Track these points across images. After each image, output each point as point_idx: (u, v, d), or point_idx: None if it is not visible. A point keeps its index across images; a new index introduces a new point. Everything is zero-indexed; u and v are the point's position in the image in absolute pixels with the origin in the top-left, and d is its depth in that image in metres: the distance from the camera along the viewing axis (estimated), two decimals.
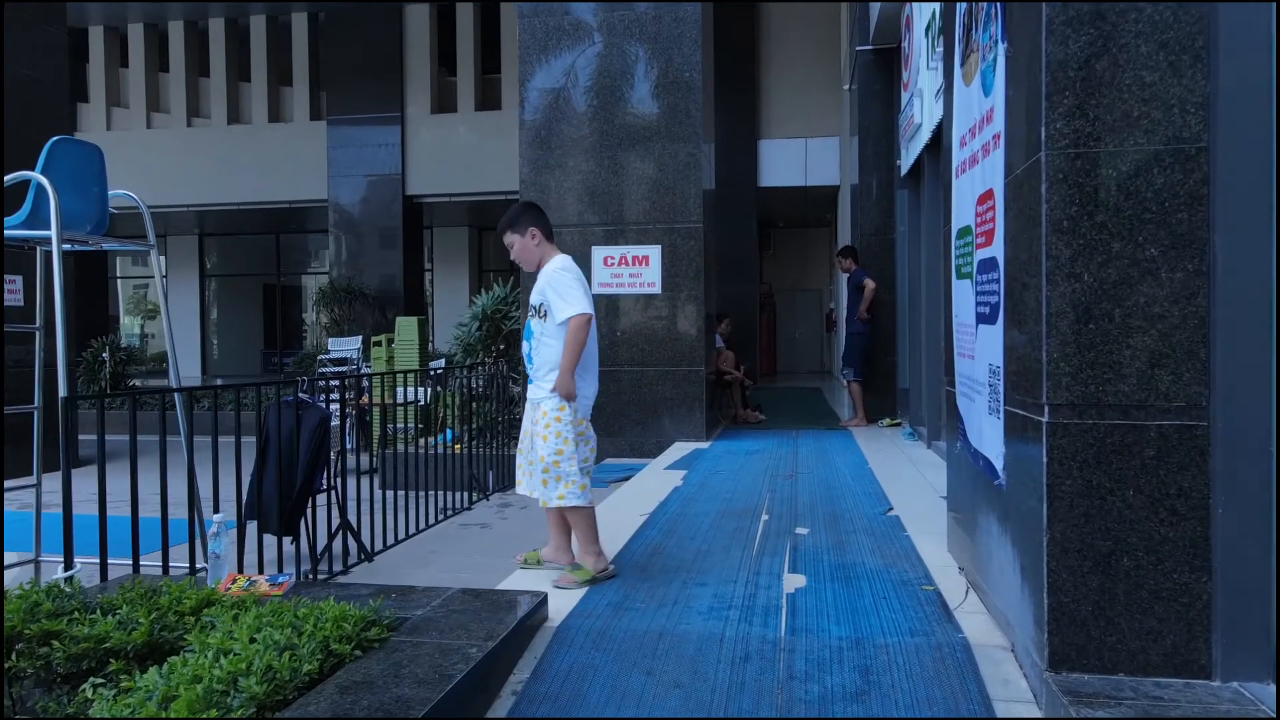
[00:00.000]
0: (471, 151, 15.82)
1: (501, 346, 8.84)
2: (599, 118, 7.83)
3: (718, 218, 9.90)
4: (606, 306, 7.86)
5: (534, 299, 3.57)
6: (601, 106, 7.83)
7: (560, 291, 3.45)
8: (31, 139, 5.02)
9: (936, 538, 3.92)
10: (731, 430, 8.75)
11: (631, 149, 7.81)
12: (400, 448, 7.89)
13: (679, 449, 7.28)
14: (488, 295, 8.81)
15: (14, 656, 2.49)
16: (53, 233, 3.54)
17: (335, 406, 5.56)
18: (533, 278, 3.66)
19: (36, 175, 3.56)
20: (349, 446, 9.78)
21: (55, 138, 3.72)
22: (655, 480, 5.86)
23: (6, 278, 8.90)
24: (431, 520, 6.25)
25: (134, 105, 17.44)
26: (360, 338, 11.47)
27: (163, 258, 21.52)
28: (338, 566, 5.02)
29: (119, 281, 22.99)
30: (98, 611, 2.58)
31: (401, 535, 5.76)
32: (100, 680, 2.42)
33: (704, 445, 7.48)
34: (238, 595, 2.88)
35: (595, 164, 7.86)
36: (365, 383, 7.66)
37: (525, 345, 3.59)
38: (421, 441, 8.23)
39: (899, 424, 8.68)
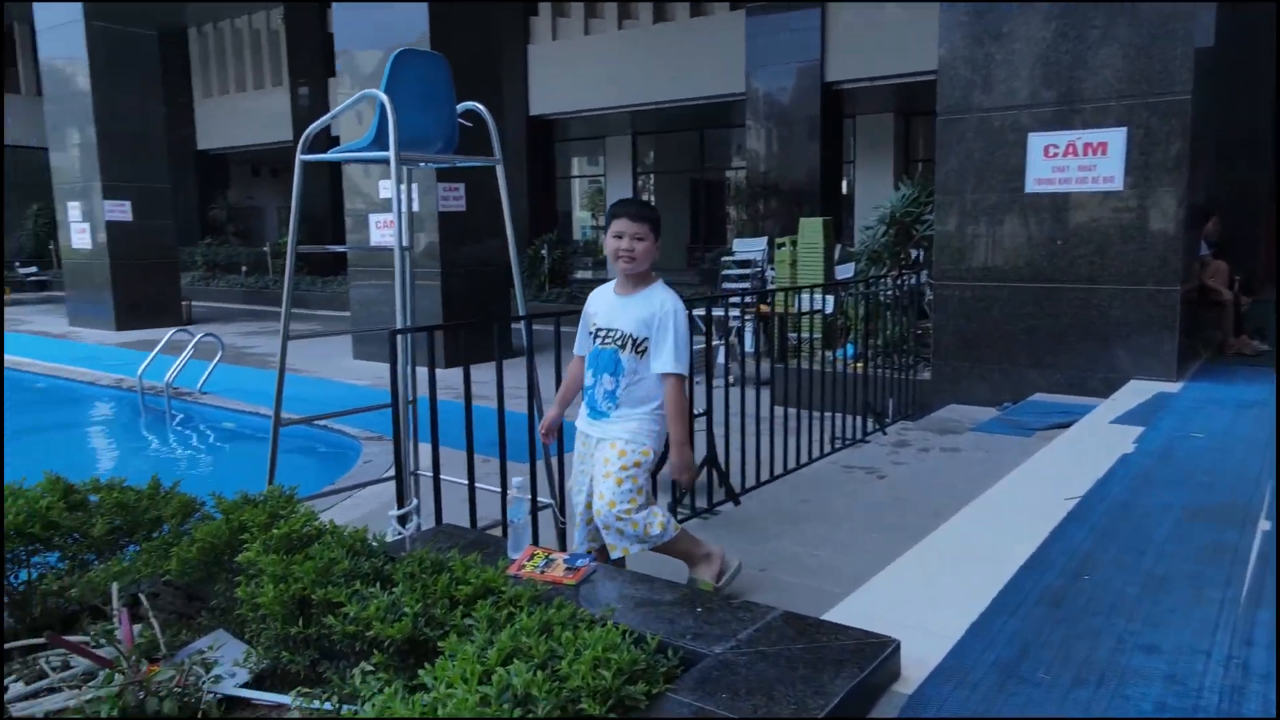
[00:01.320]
0: (896, 30, 14.19)
1: (913, 254, 7.71)
2: None
3: (1215, 85, 7.54)
4: (1048, 205, 6.34)
5: (630, 326, 2.95)
6: None
7: (681, 337, 2.92)
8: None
9: None
10: (1215, 367, 6.75)
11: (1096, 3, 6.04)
12: (796, 362, 7.27)
13: (1135, 392, 5.69)
14: (896, 195, 7.67)
15: (300, 623, 2.32)
16: (391, 154, 3.35)
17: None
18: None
19: (379, 93, 3.36)
20: (748, 351, 9.47)
21: (398, 50, 3.51)
22: (1095, 439, 4.53)
23: (449, 185, 9.78)
24: (818, 451, 5.57)
25: (574, 14, 18.40)
26: (766, 239, 10.96)
27: (601, 158, 23.06)
28: (701, 503, 4.60)
29: (572, 181, 25.20)
30: (377, 585, 2.30)
31: (779, 469, 5.19)
32: (370, 668, 2.14)
33: (1172, 388, 5.77)
34: (528, 578, 2.46)
35: (1043, 27, 6.23)
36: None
37: (599, 377, 2.98)
38: (818, 356, 7.53)
39: None
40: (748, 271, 10.62)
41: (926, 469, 4.68)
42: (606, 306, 3.04)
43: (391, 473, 4.47)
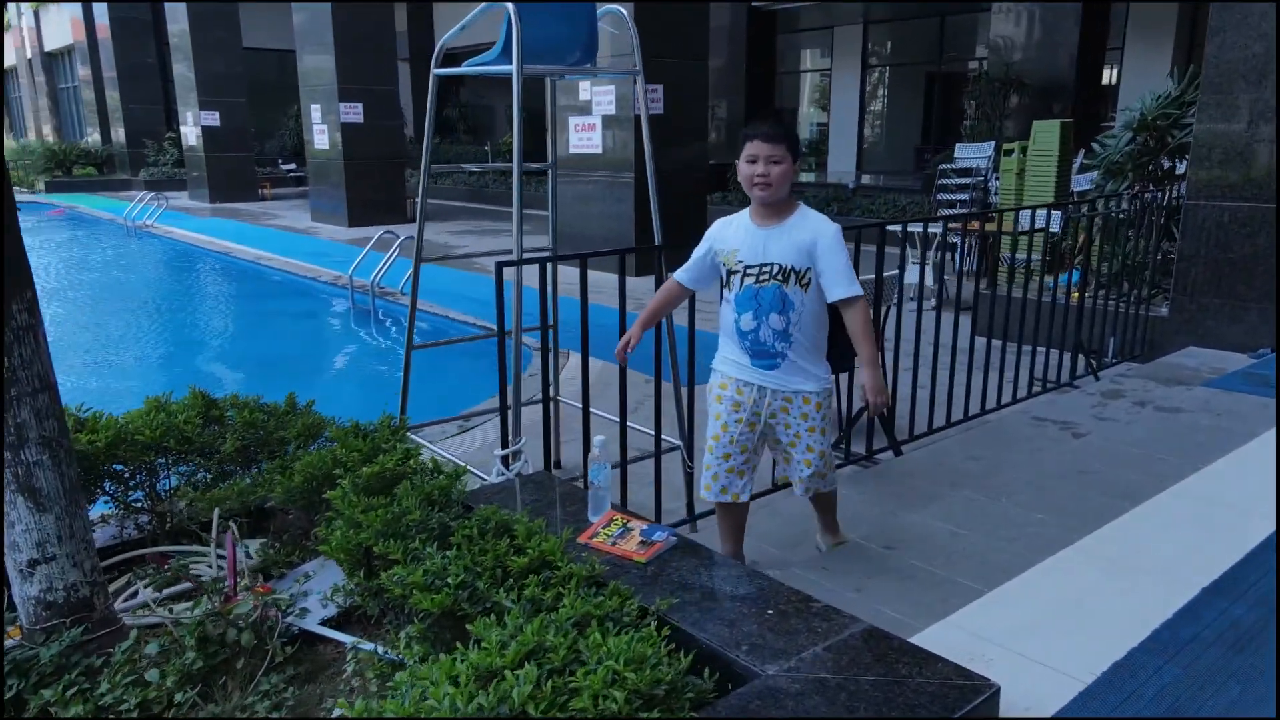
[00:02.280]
0: None
1: (1166, 165, 6.54)
2: None
3: None
4: None
5: (790, 258, 2.70)
6: None
7: (844, 259, 2.71)
8: None
9: None
10: None
11: None
12: (1009, 287, 6.47)
13: None
14: (1150, 95, 6.47)
15: (363, 573, 2.27)
16: (513, 66, 3.12)
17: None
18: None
19: (506, 4, 3.12)
20: (969, 268, 8.65)
21: None
22: None
23: (648, 86, 9.42)
24: (1010, 395, 4.95)
25: None
26: (993, 144, 9.80)
27: (829, 51, 21.61)
28: (859, 448, 4.22)
29: (801, 76, 23.89)
30: (434, 545, 2.20)
31: (959, 414, 4.65)
32: (414, 633, 2.06)
33: None
34: (597, 549, 2.27)
35: None
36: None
37: (764, 317, 2.74)
38: (1036, 282, 6.67)
39: None
40: (968, 181, 9.59)
41: (1132, 432, 3.98)
42: (749, 240, 2.74)
43: (538, 397, 4.42)
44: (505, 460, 3.04)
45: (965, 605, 2.37)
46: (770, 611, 1.98)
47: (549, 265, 3.11)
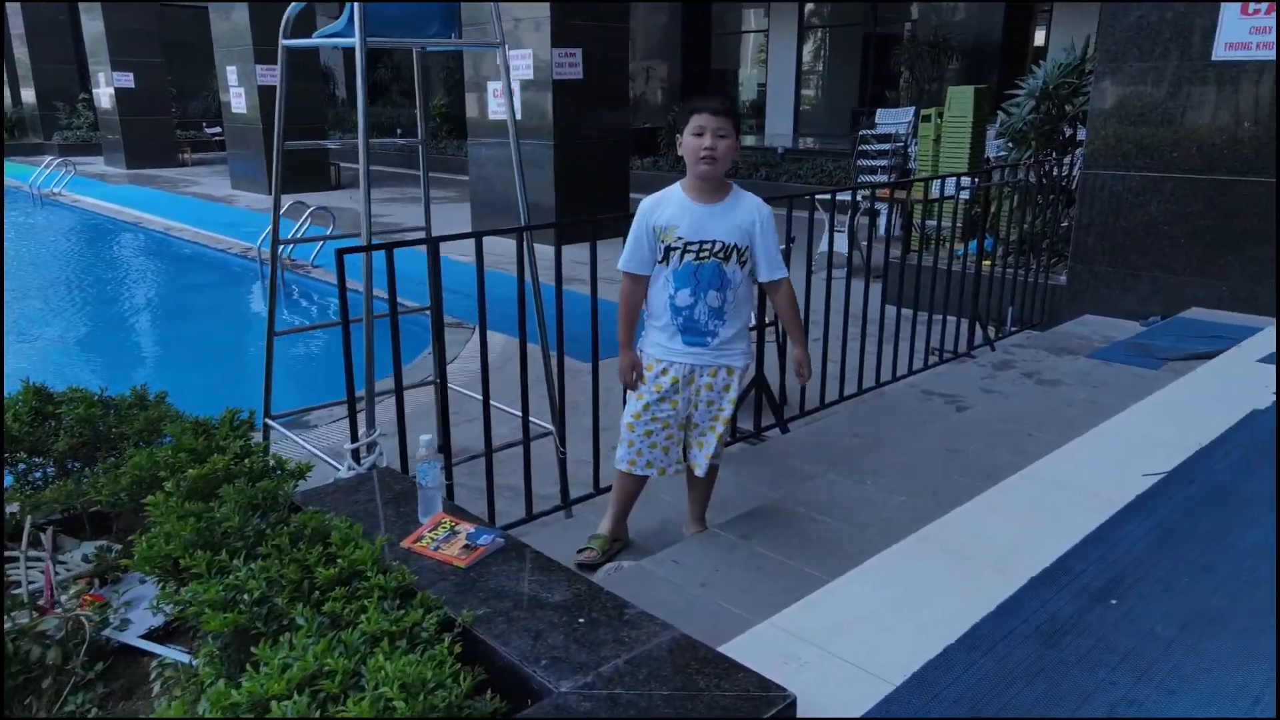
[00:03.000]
0: None
1: (1068, 133, 6.58)
2: None
3: None
4: (1239, 78, 5.15)
5: (732, 236, 2.75)
6: None
7: (776, 240, 2.84)
8: None
9: None
10: None
11: None
12: (918, 256, 6.48)
13: None
14: (1050, 62, 6.48)
15: (174, 586, 2.16)
16: (356, 39, 2.96)
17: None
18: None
19: None
20: (895, 234, 8.74)
21: None
22: (1228, 383, 3.70)
23: (565, 50, 9.21)
24: (907, 367, 4.96)
25: None
26: (913, 109, 9.78)
27: (766, 14, 21.37)
28: (749, 425, 4.19)
29: (741, 37, 23.61)
30: (245, 557, 2.10)
31: (852, 388, 4.64)
32: (208, 654, 1.97)
33: None
34: (420, 554, 2.19)
35: None
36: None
37: (701, 295, 2.76)
38: (946, 248, 6.69)
39: None
40: (887, 147, 9.58)
41: (1011, 406, 4.01)
42: (690, 217, 2.75)
43: (431, 378, 4.30)
44: (355, 454, 2.93)
45: (806, 597, 2.35)
46: (581, 620, 1.93)
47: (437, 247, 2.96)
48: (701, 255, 2.73)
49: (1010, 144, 6.74)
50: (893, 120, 9.84)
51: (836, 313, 4.39)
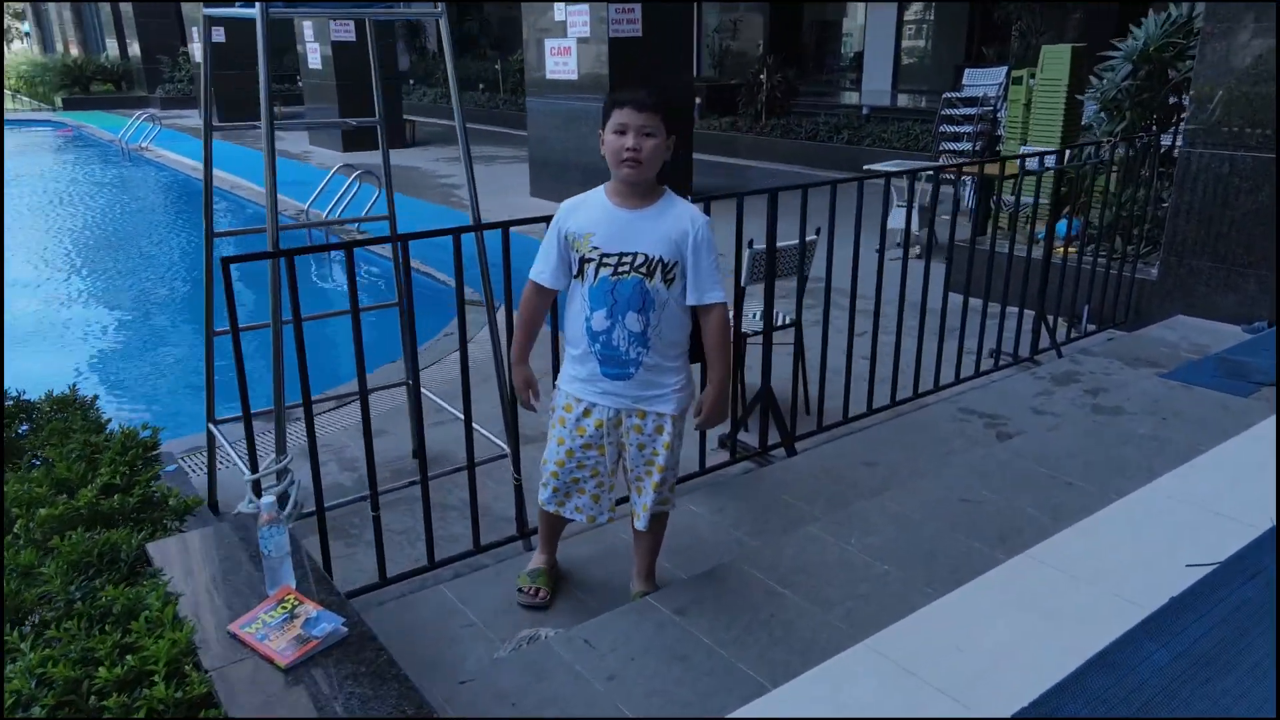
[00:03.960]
0: None
1: (1172, 100, 5.70)
2: None
3: None
4: None
5: (658, 249, 2.28)
6: None
7: (715, 258, 2.32)
8: None
9: None
10: None
11: None
12: (991, 237, 5.76)
13: None
14: (1153, 19, 5.59)
15: None
16: (256, 10, 2.58)
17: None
18: None
19: None
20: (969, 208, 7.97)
21: None
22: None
23: (623, 6, 8.66)
24: (954, 373, 4.34)
25: None
26: (1005, 70, 8.84)
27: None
28: (754, 441, 3.72)
29: None
30: (24, 645, 1.78)
31: (885, 399, 4.08)
32: None
33: None
34: (245, 643, 1.83)
35: None
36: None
37: (618, 317, 2.30)
38: (1026, 230, 5.94)
39: None
40: (974, 112, 8.71)
41: (1058, 438, 3.40)
42: (608, 224, 2.30)
43: (404, 380, 3.97)
44: (256, 486, 2.60)
45: (726, 710, 1.91)
46: None
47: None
48: (620, 270, 2.27)
49: (1102, 113, 5.89)
50: (982, 81, 8.94)
51: (890, 302, 3.84)
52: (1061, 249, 5.56)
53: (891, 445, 3.63)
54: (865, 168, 8.02)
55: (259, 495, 2.59)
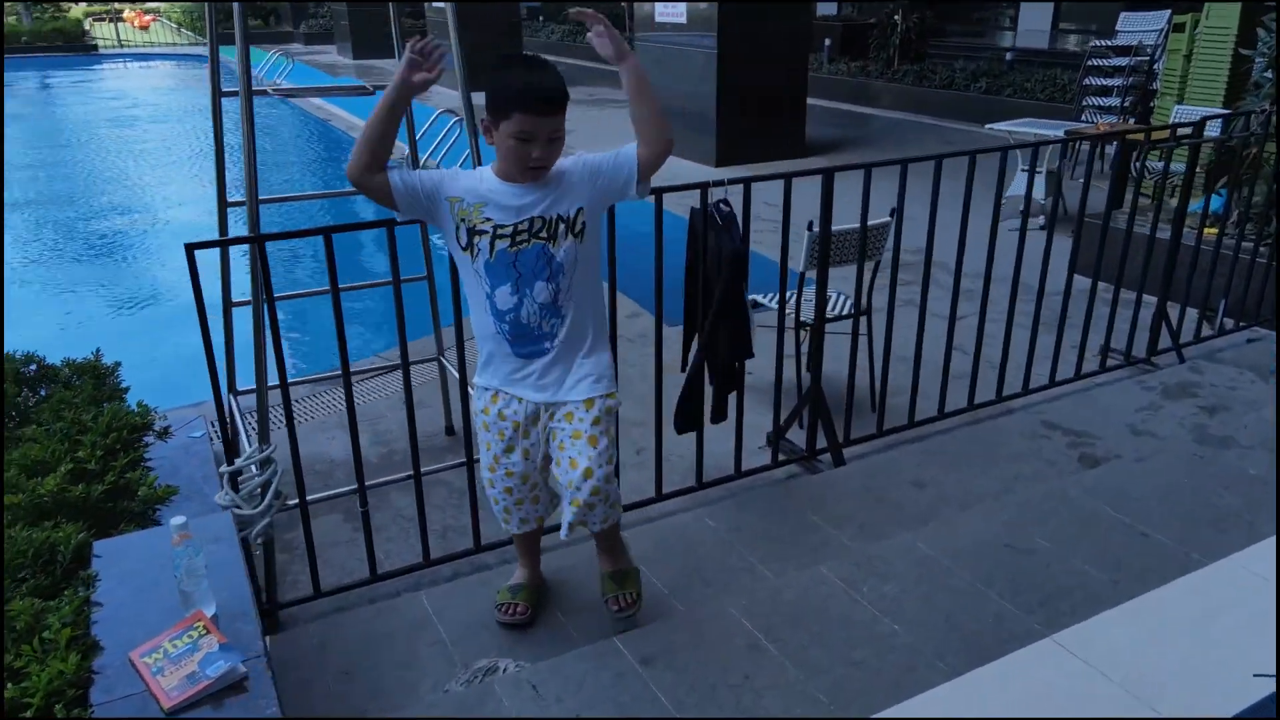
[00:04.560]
0: None
1: None
2: None
3: None
4: None
5: (561, 205, 2.02)
6: None
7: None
8: None
9: None
10: None
11: None
12: (1130, 213, 5.06)
13: None
14: None
15: None
16: None
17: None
18: None
19: None
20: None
21: None
22: None
23: None
24: (1048, 374, 3.86)
25: None
26: (1166, 14, 7.78)
27: None
28: (800, 441, 3.40)
29: None
30: None
31: (963, 400, 3.66)
32: None
33: None
34: (140, 674, 1.72)
35: None
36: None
37: (525, 291, 2.04)
38: (1172, 205, 5.22)
39: None
40: (1125, 62, 7.75)
41: (1148, 471, 2.91)
42: (502, 194, 2.01)
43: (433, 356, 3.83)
44: (233, 480, 2.50)
45: None
46: None
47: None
48: (519, 240, 2.00)
49: (1268, 72, 5.05)
50: (1139, 27, 7.94)
51: (999, 282, 3.43)
52: (1208, 229, 4.84)
53: (950, 462, 3.23)
54: (987, 128, 7.30)
55: (236, 489, 2.50)
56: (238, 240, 2.34)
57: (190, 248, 2.24)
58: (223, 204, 3.07)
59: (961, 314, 3.51)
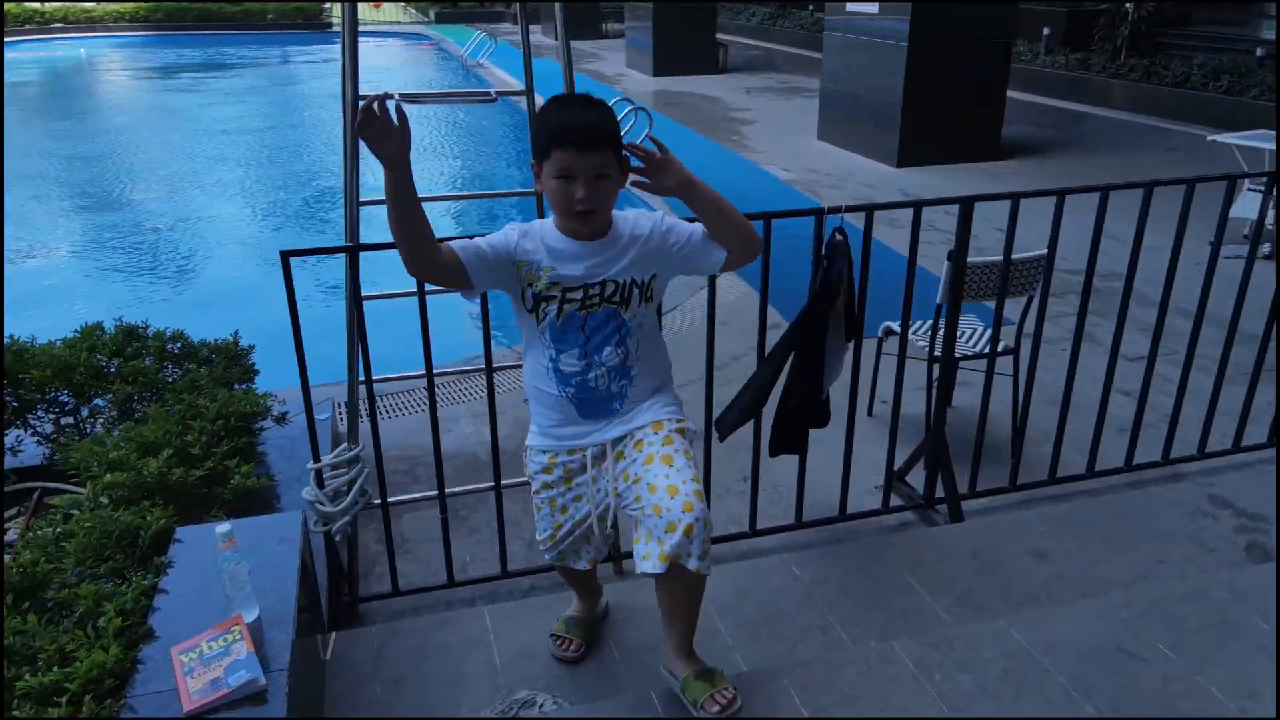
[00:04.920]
0: None
1: None
2: None
3: None
4: None
5: (632, 270, 1.89)
6: None
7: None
8: None
9: None
10: None
11: None
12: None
13: None
14: None
15: None
16: None
17: None
18: None
19: None
20: None
21: None
22: None
23: None
24: (1232, 437, 3.41)
25: None
26: None
27: None
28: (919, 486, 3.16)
29: None
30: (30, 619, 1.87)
31: (1121, 459, 3.29)
32: None
33: None
34: (176, 672, 1.80)
35: None
36: None
37: (595, 356, 1.92)
38: None
39: None
40: None
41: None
42: (568, 255, 1.89)
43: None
44: (318, 477, 2.59)
45: None
46: None
47: None
48: (589, 304, 1.89)
49: None
50: None
51: (1215, 321, 3.04)
52: None
53: (1084, 533, 2.86)
54: (1210, 139, 6.45)
55: (321, 485, 2.59)
56: (330, 250, 2.40)
57: (285, 255, 2.32)
58: (351, 204, 3.17)
59: (1135, 354, 3.10)
